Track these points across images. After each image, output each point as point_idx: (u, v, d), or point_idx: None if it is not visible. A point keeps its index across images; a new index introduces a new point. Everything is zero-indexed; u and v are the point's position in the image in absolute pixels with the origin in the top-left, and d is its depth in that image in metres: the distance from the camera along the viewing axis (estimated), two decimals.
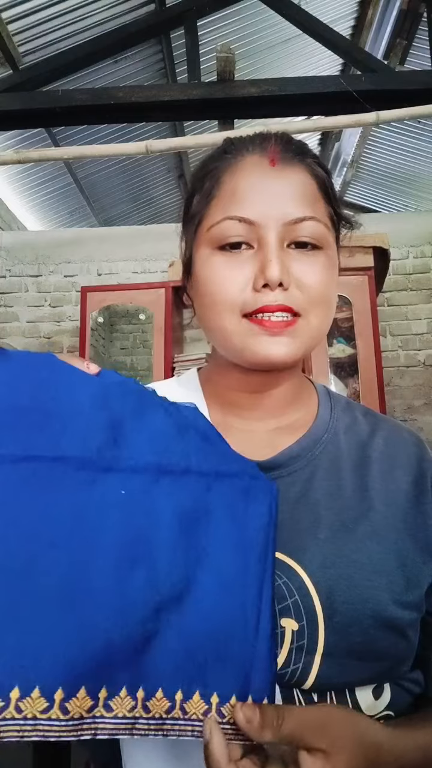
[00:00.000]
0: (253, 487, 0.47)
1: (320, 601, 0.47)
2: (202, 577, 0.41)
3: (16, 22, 2.87)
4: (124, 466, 0.44)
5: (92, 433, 0.44)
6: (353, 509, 0.53)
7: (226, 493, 0.46)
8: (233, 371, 0.57)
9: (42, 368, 0.46)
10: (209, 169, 0.57)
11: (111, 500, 0.42)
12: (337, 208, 0.56)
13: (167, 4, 3.03)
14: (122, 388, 0.48)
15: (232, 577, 0.42)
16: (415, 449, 0.59)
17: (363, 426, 0.60)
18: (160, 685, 0.38)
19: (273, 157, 0.54)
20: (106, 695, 0.36)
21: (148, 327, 2.73)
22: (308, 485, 0.54)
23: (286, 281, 0.51)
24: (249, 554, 0.43)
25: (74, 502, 0.41)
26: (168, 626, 0.39)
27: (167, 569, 0.41)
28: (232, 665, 0.39)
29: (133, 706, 0.37)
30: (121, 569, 0.39)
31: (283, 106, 2.62)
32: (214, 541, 0.43)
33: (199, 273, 0.55)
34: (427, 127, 4.10)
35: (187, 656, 0.39)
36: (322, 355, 2.33)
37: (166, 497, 0.43)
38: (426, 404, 2.86)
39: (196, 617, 0.40)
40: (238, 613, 0.41)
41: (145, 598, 0.39)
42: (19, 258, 3.10)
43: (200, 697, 0.38)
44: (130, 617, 0.38)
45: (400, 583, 0.50)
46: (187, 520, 0.43)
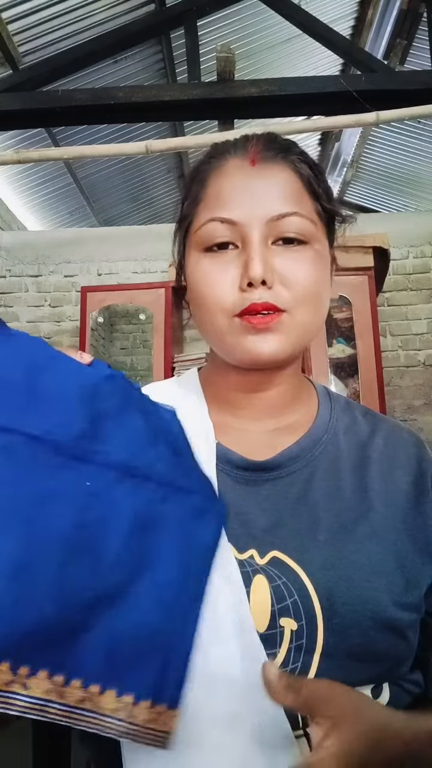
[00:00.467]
0: (206, 508, 0.48)
1: (320, 601, 0.47)
2: (140, 584, 0.42)
3: (16, 22, 2.87)
4: (96, 460, 0.45)
5: (74, 423, 0.45)
6: (353, 510, 0.53)
7: (179, 507, 0.46)
8: (231, 371, 0.57)
9: (40, 351, 0.48)
10: (196, 173, 0.58)
11: (75, 488, 0.43)
12: (324, 203, 0.56)
13: (167, 4, 3.03)
14: (110, 386, 0.49)
15: (167, 590, 0.43)
16: (415, 449, 0.59)
17: (363, 426, 0.60)
18: (79, 675, 0.39)
19: (253, 157, 0.54)
20: (26, 673, 0.37)
21: (148, 327, 2.73)
22: (307, 486, 0.54)
23: (269, 279, 0.51)
24: (188, 572, 0.44)
25: (40, 481, 0.42)
26: (99, 621, 0.40)
27: (111, 567, 0.42)
28: (151, 672, 0.40)
29: (49, 690, 0.37)
30: (68, 556, 0.40)
31: (283, 106, 2.62)
32: (158, 551, 0.44)
33: (190, 276, 0.57)
34: (427, 127, 4.10)
35: (111, 654, 0.40)
36: (322, 355, 2.33)
37: (125, 498, 0.44)
38: (426, 404, 2.87)
39: (127, 620, 0.41)
40: (166, 625, 0.42)
41: (85, 589, 0.40)
42: (19, 258, 3.10)
43: (115, 695, 0.39)
44: (66, 604, 0.39)
45: (399, 584, 0.50)
46: (138, 524, 0.44)
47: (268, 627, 0.47)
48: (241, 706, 0.43)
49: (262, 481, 0.54)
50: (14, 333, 0.48)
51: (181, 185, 4.99)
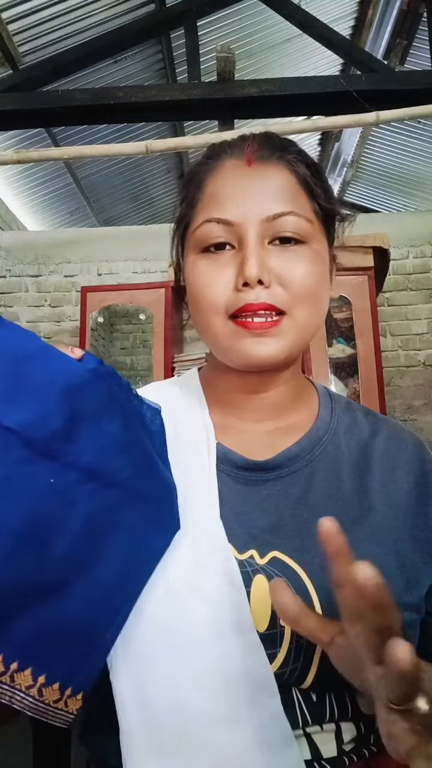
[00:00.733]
0: (162, 519, 0.49)
1: (320, 602, 0.47)
2: (80, 582, 0.44)
3: (16, 22, 2.87)
4: (63, 460, 0.45)
5: (51, 421, 0.45)
6: (353, 510, 0.53)
7: (136, 515, 0.48)
8: (230, 372, 0.57)
9: (30, 344, 0.48)
10: (193, 174, 0.59)
11: (37, 483, 0.44)
12: (322, 202, 0.56)
13: (167, 4, 3.03)
14: (95, 385, 0.49)
15: (104, 589, 0.45)
16: (416, 450, 0.59)
17: (364, 426, 0.60)
18: (3, 652, 0.41)
19: (249, 158, 0.54)
20: None
21: (148, 327, 2.72)
22: (308, 486, 0.54)
23: (265, 278, 0.51)
24: (127, 576, 0.46)
25: (4, 471, 0.43)
26: (32, 609, 0.42)
27: (54, 564, 0.43)
28: (69, 660, 0.43)
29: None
30: (16, 546, 0.42)
31: (283, 106, 2.62)
32: (105, 554, 0.45)
33: (187, 277, 0.57)
34: (427, 127, 4.10)
35: (36, 639, 0.42)
36: (322, 355, 2.33)
37: (84, 499, 0.45)
38: (426, 404, 2.86)
39: (59, 612, 0.43)
40: (96, 622, 0.44)
41: (26, 580, 0.42)
42: (19, 258, 3.10)
43: (30, 673, 0.42)
44: (5, 589, 0.41)
45: (399, 584, 0.50)
46: (93, 527, 0.45)
47: (269, 627, 0.47)
48: (241, 705, 0.43)
49: (262, 481, 0.54)
50: (6, 324, 0.48)
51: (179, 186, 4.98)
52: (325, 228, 0.57)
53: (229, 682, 0.44)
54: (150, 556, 0.48)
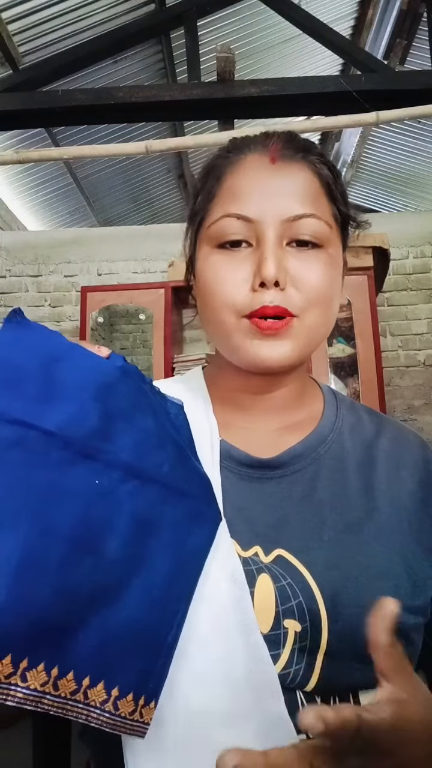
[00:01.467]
0: (203, 513, 0.49)
1: (324, 603, 0.47)
2: (135, 583, 0.43)
3: (16, 22, 2.87)
4: (103, 459, 0.45)
5: (87, 419, 0.45)
6: (358, 510, 0.52)
7: (176, 510, 0.47)
8: (235, 373, 0.57)
9: (58, 343, 0.48)
10: (212, 168, 0.57)
11: (82, 486, 0.43)
12: (341, 207, 0.55)
13: (167, 4, 3.03)
14: (125, 383, 0.49)
15: (158, 590, 0.44)
16: (421, 451, 0.59)
17: (368, 426, 0.60)
18: (73, 668, 0.40)
19: (274, 155, 0.53)
20: (26, 666, 0.38)
21: (148, 327, 2.72)
22: (312, 484, 0.54)
23: (282, 280, 0.50)
24: (179, 573, 0.45)
25: (51, 477, 0.42)
26: (95, 617, 0.41)
27: (110, 566, 0.42)
28: (137, 667, 0.42)
29: (45, 682, 0.39)
30: (72, 553, 0.41)
31: (283, 106, 2.62)
32: (153, 552, 0.45)
33: (199, 271, 0.55)
34: (427, 127, 4.10)
35: (103, 649, 0.41)
36: (322, 355, 2.33)
37: (128, 498, 0.45)
38: (426, 404, 2.86)
39: (120, 618, 0.42)
40: (153, 624, 0.43)
41: (85, 586, 0.41)
42: (19, 258, 3.10)
43: (103, 687, 0.40)
44: (66, 600, 0.40)
45: (406, 587, 0.49)
46: (138, 524, 0.44)
47: (272, 628, 0.46)
48: (244, 706, 0.43)
49: (266, 479, 0.54)
50: (32, 325, 0.48)
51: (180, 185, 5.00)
52: (341, 233, 0.56)
53: (232, 682, 0.43)
54: (196, 551, 0.47)
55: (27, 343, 0.47)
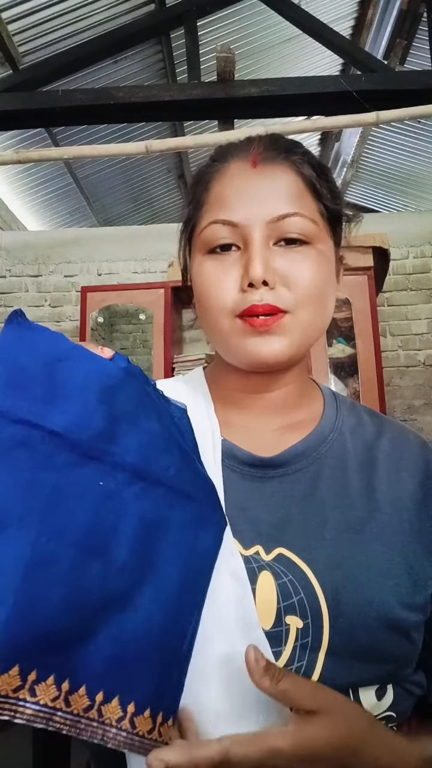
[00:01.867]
0: (208, 516, 0.48)
1: (326, 600, 0.47)
2: (145, 589, 0.42)
3: (16, 22, 2.87)
4: (109, 461, 0.44)
5: (92, 421, 0.45)
6: (359, 510, 0.53)
7: (184, 514, 0.46)
8: (236, 372, 0.58)
9: (61, 345, 0.47)
10: (200, 176, 0.59)
11: (88, 487, 0.43)
12: (327, 203, 0.56)
13: (167, 4, 3.03)
14: (129, 384, 0.49)
15: (170, 596, 0.42)
16: (421, 452, 0.59)
17: (369, 427, 0.60)
18: (85, 682, 0.38)
19: (255, 159, 0.55)
20: (34, 679, 0.36)
21: (148, 327, 2.72)
22: (314, 483, 0.54)
23: (270, 279, 0.51)
24: (189, 578, 0.44)
25: (57, 479, 0.42)
26: (105, 626, 0.39)
27: (119, 571, 0.41)
28: (153, 680, 0.40)
29: (56, 697, 0.36)
30: (80, 557, 0.40)
31: (283, 106, 2.62)
32: (162, 556, 0.44)
33: (194, 278, 0.57)
34: (427, 127, 4.10)
35: (116, 661, 0.39)
36: (322, 355, 2.33)
37: (134, 501, 0.44)
38: (426, 404, 2.87)
39: (132, 626, 0.40)
40: (171, 630, 0.42)
41: (94, 592, 0.40)
42: (19, 258, 3.10)
43: (118, 703, 0.38)
44: (76, 607, 0.39)
45: (407, 586, 0.50)
46: (146, 528, 0.44)
47: (274, 624, 0.47)
48: (246, 702, 0.43)
49: (268, 478, 0.54)
50: (34, 326, 0.48)
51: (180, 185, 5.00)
52: (331, 229, 0.57)
53: (234, 679, 0.44)
54: (204, 556, 0.46)
55: (30, 344, 0.46)
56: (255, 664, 0.40)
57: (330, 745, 0.40)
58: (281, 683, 0.39)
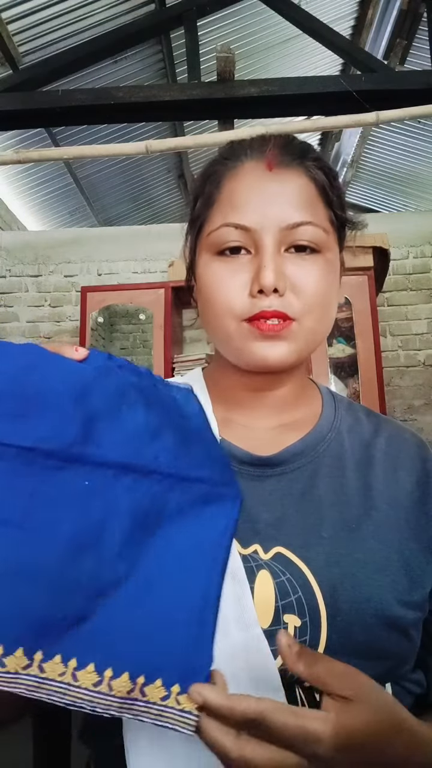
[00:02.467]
0: (215, 493, 0.48)
1: (323, 599, 0.48)
2: (145, 571, 0.43)
3: (16, 22, 2.87)
4: (91, 461, 0.45)
5: (66, 429, 0.45)
6: (356, 508, 0.53)
7: (186, 495, 0.47)
8: (235, 372, 0.58)
9: (24, 357, 0.47)
10: (211, 173, 0.58)
11: (73, 488, 0.44)
12: (337, 210, 0.56)
13: (167, 4, 3.03)
14: (103, 382, 0.49)
15: (177, 573, 0.43)
16: (418, 450, 0.59)
17: (366, 426, 0.61)
18: (92, 660, 0.40)
19: (270, 162, 0.54)
20: (41, 658, 0.39)
21: (148, 327, 2.73)
22: (312, 482, 0.54)
23: (281, 287, 0.51)
24: (198, 557, 0.45)
25: (36, 483, 0.43)
26: (103, 610, 0.41)
27: (112, 559, 0.42)
28: (166, 654, 0.41)
29: (63, 673, 0.39)
30: (70, 551, 0.41)
31: (283, 106, 2.62)
32: (166, 537, 0.45)
33: (200, 278, 0.56)
34: (427, 127, 4.10)
35: (120, 639, 0.40)
36: (322, 355, 2.33)
37: (125, 493, 0.45)
38: (426, 404, 2.87)
39: (132, 607, 0.42)
40: (180, 605, 0.42)
41: (87, 581, 0.41)
42: (19, 258, 3.10)
43: (128, 677, 0.39)
44: (70, 595, 0.40)
45: (404, 583, 0.50)
46: (141, 517, 0.45)
47: (272, 623, 0.47)
48: None
49: (266, 477, 0.54)
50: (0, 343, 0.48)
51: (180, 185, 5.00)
52: (338, 235, 0.57)
53: (232, 678, 0.44)
54: (212, 534, 0.46)
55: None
56: (288, 649, 0.39)
57: (368, 735, 0.39)
58: (315, 667, 0.39)
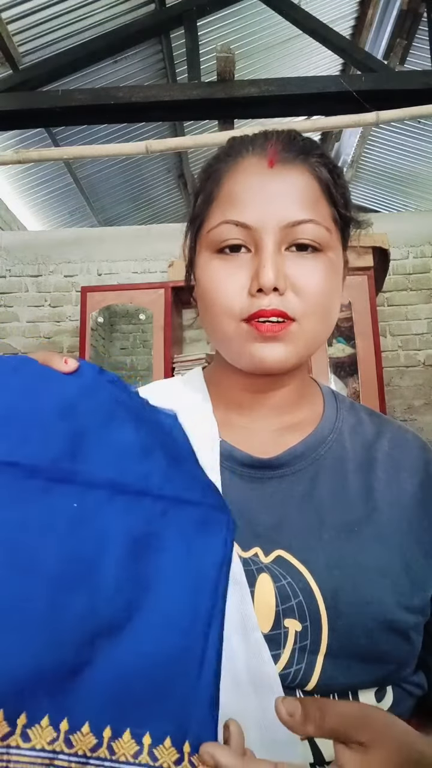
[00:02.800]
0: (211, 518, 0.45)
1: (324, 602, 0.47)
2: (145, 608, 0.38)
3: (16, 22, 2.87)
4: (80, 480, 0.41)
5: (51, 444, 0.42)
6: (358, 510, 0.52)
7: (181, 521, 0.43)
8: (235, 372, 0.57)
9: (10, 373, 0.45)
10: (211, 170, 0.57)
11: (61, 512, 0.40)
12: (341, 209, 0.55)
13: (167, 4, 3.03)
14: (92, 397, 0.46)
15: (177, 611, 0.39)
16: (421, 452, 0.59)
17: (368, 427, 0.60)
18: (87, 718, 0.34)
19: (272, 158, 0.53)
20: (25, 722, 0.33)
21: (148, 327, 2.72)
22: (313, 484, 0.54)
23: (281, 286, 0.50)
24: (198, 589, 0.41)
25: (21, 509, 0.39)
26: (103, 656, 0.36)
27: (109, 595, 0.38)
28: (169, 706, 0.36)
29: (54, 739, 0.33)
30: (60, 589, 0.37)
31: (283, 106, 2.62)
32: (162, 570, 0.40)
33: (199, 276, 0.55)
34: (427, 127, 4.10)
35: (120, 691, 0.35)
36: (322, 355, 2.33)
37: (118, 517, 0.41)
38: (426, 404, 2.86)
39: (134, 651, 0.37)
40: (179, 651, 0.38)
41: (82, 623, 0.36)
42: (19, 258, 3.10)
43: (131, 737, 0.34)
44: (63, 642, 0.36)
45: (405, 586, 0.49)
46: (136, 545, 0.41)
47: (273, 627, 0.47)
48: (245, 705, 0.43)
49: (267, 479, 0.54)
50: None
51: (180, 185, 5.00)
52: (342, 234, 0.56)
53: (233, 682, 0.43)
54: (212, 562, 0.42)
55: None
56: (291, 719, 0.36)
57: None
58: (326, 722, 0.36)
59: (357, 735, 0.36)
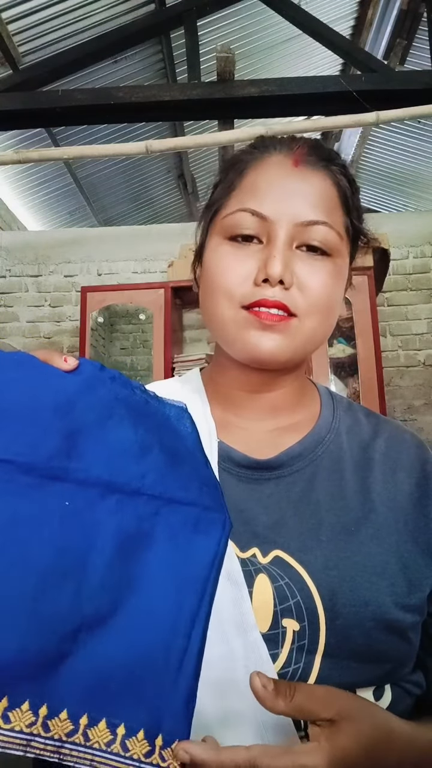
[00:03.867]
0: (205, 518, 0.45)
1: (322, 602, 0.47)
2: (129, 605, 0.39)
3: (16, 22, 2.87)
4: (73, 478, 0.42)
5: (46, 441, 0.43)
6: (355, 511, 0.53)
7: (174, 520, 0.44)
8: (234, 371, 0.57)
9: (9, 369, 0.45)
10: (236, 161, 0.58)
11: (52, 509, 0.40)
12: (355, 220, 0.56)
13: (167, 4, 3.03)
14: (90, 394, 0.47)
15: (160, 609, 0.40)
16: (418, 452, 0.59)
17: (365, 427, 0.60)
18: (66, 706, 0.36)
19: (297, 158, 0.54)
20: (6, 705, 0.35)
21: (148, 327, 2.73)
22: (310, 485, 0.54)
23: (287, 280, 0.51)
24: (184, 588, 0.41)
25: (13, 503, 0.40)
26: (85, 648, 0.37)
27: (95, 590, 0.39)
28: (145, 700, 0.37)
29: (33, 722, 0.35)
30: (47, 582, 0.38)
31: (283, 106, 2.62)
32: (151, 568, 0.41)
33: (207, 260, 0.56)
34: (427, 127, 4.10)
35: (99, 682, 0.37)
36: (322, 355, 2.33)
37: (109, 515, 0.42)
38: (426, 404, 2.86)
39: (116, 645, 0.38)
40: (160, 647, 0.39)
41: (67, 615, 0.38)
42: (19, 258, 3.10)
43: (106, 726, 0.36)
44: (47, 631, 0.37)
45: (402, 586, 0.50)
46: (126, 543, 0.41)
47: (271, 627, 0.47)
48: (244, 705, 0.43)
49: (264, 480, 0.54)
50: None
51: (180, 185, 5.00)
52: (351, 246, 0.57)
53: (231, 682, 0.44)
54: (202, 562, 0.43)
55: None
56: (263, 690, 0.38)
57: (361, 750, 0.39)
58: (294, 700, 0.38)
59: (323, 712, 0.39)
